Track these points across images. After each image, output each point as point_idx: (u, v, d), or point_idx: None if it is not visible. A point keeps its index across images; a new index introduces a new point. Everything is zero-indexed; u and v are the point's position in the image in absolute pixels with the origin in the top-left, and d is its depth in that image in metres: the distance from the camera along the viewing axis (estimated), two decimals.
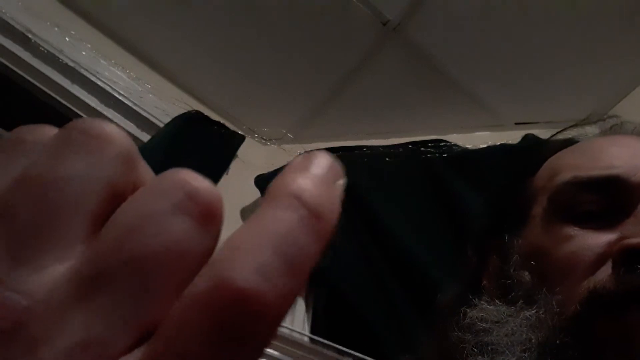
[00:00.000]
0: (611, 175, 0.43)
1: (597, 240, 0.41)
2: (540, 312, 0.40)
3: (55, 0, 1.21)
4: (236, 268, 0.11)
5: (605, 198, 0.43)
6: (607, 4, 1.05)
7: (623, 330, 0.37)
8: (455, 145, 1.25)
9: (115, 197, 0.14)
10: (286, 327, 1.00)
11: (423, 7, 1.10)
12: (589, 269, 0.40)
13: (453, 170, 1.17)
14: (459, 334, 0.44)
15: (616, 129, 0.52)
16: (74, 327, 0.12)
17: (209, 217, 0.13)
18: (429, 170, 1.19)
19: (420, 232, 1.11)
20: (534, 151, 0.58)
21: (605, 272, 0.39)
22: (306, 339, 1.03)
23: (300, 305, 1.10)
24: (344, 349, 0.99)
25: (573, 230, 0.42)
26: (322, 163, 0.14)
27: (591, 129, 0.55)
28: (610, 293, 0.38)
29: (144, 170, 0.15)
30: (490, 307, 0.44)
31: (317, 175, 0.14)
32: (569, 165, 0.47)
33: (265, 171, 1.24)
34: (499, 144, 1.23)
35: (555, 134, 0.58)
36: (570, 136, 0.55)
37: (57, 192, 0.13)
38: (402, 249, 1.09)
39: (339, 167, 0.14)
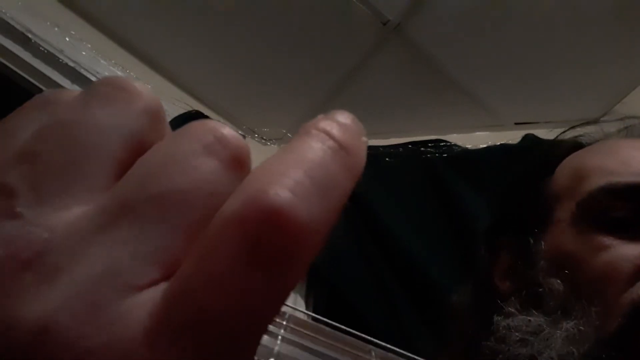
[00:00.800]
0: None
1: (635, 250, 0.40)
2: (580, 324, 0.39)
3: (55, 0, 1.21)
4: (271, 185, 0.11)
5: (638, 206, 0.42)
6: (607, 4, 1.05)
7: None
8: (455, 145, 1.25)
9: (140, 149, 0.14)
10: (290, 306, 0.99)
11: (423, 7, 1.10)
12: (628, 281, 0.39)
13: (453, 170, 1.17)
14: (492, 343, 0.43)
15: (634, 130, 0.51)
16: (96, 257, 0.11)
17: (237, 162, 0.13)
18: (429, 170, 1.19)
19: (420, 231, 1.11)
20: (543, 150, 0.57)
21: None
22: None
23: (300, 306, 1.10)
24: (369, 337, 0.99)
25: (608, 240, 0.41)
26: (347, 116, 0.14)
27: (607, 128, 0.53)
28: None
29: (170, 131, 0.15)
30: (525, 317, 0.42)
31: (344, 122, 0.14)
32: (598, 169, 0.46)
33: None
34: (499, 144, 1.23)
35: (566, 130, 0.56)
36: (582, 134, 0.54)
37: (82, 137, 0.13)
38: (402, 249, 1.09)
39: (361, 125, 0.15)
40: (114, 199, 0.12)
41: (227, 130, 0.13)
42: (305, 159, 0.12)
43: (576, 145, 0.52)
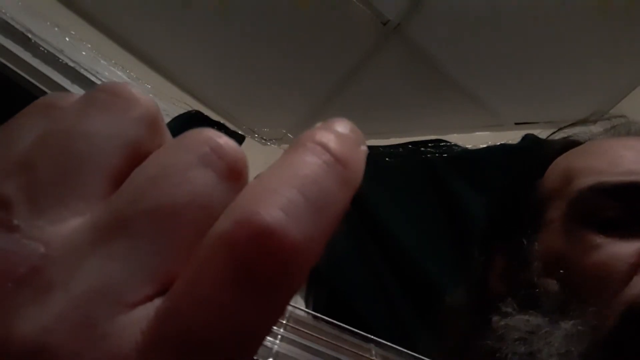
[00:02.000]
0: (635, 182, 0.42)
1: (627, 249, 0.40)
2: (578, 324, 0.39)
3: (55, 0, 1.21)
4: (262, 204, 0.11)
5: (629, 205, 0.42)
6: (606, 4, 1.05)
7: None
8: (455, 145, 1.25)
9: (138, 158, 0.13)
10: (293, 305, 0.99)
11: (423, 7, 1.10)
12: (623, 280, 0.39)
13: (453, 170, 1.17)
14: (492, 342, 0.43)
15: (621, 129, 0.52)
16: (90, 273, 0.11)
17: (233, 173, 0.13)
18: (429, 170, 1.19)
19: (420, 232, 1.11)
20: (537, 151, 0.57)
21: (638, 284, 0.38)
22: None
23: (300, 306, 1.10)
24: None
25: (599, 239, 0.41)
26: (346, 125, 0.14)
27: (595, 128, 0.53)
28: None
29: (168, 137, 0.15)
30: (523, 317, 0.43)
31: (342, 132, 0.13)
32: (587, 169, 0.46)
33: None
34: (499, 144, 1.23)
35: (555, 132, 0.57)
36: (571, 135, 0.55)
37: (79, 147, 0.13)
38: (402, 249, 1.09)
39: (361, 134, 0.14)
40: (109, 213, 0.12)
41: (224, 140, 0.13)
42: (299, 175, 0.12)
43: (567, 146, 0.52)
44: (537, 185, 0.50)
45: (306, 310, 1.00)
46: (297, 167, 0.12)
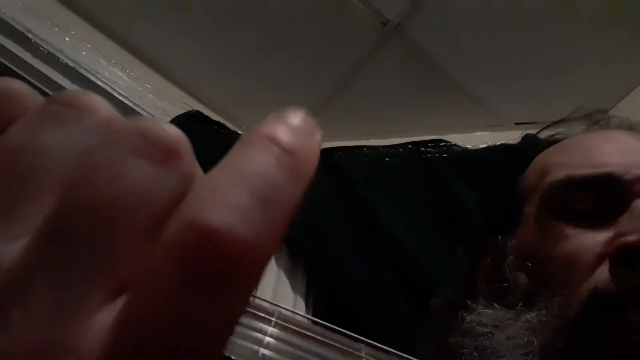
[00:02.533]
0: (605, 173, 0.43)
1: (594, 239, 0.40)
2: (542, 315, 0.40)
3: (55, 0, 1.21)
4: (208, 207, 0.11)
5: (600, 196, 0.42)
6: (607, 4, 1.05)
7: (624, 330, 0.37)
8: (455, 145, 1.25)
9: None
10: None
11: (423, 7, 1.10)
12: (589, 269, 0.39)
13: (453, 170, 1.17)
14: (458, 338, 0.44)
15: (603, 124, 0.52)
16: (43, 288, 0.11)
17: (169, 156, 0.12)
18: (429, 170, 1.19)
19: (420, 232, 1.11)
20: (523, 150, 0.58)
21: (604, 272, 0.39)
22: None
23: (300, 306, 1.10)
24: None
25: (569, 230, 0.42)
26: (297, 115, 0.14)
27: (579, 124, 0.54)
28: (609, 294, 0.37)
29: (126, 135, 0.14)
30: (489, 311, 0.43)
31: (292, 123, 0.13)
32: (561, 163, 0.46)
33: None
34: (499, 144, 1.23)
35: (540, 131, 0.57)
36: (556, 133, 0.55)
37: (28, 163, 0.12)
38: (402, 249, 1.09)
39: (314, 122, 0.14)
40: (48, 224, 0.12)
41: (153, 125, 0.12)
42: (246, 173, 0.11)
43: (550, 144, 0.53)
44: (518, 182, 0.50)
45: (294, 311, 1.00)
46: (244, 164, 0.12)
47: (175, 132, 0.13)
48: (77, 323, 0.11)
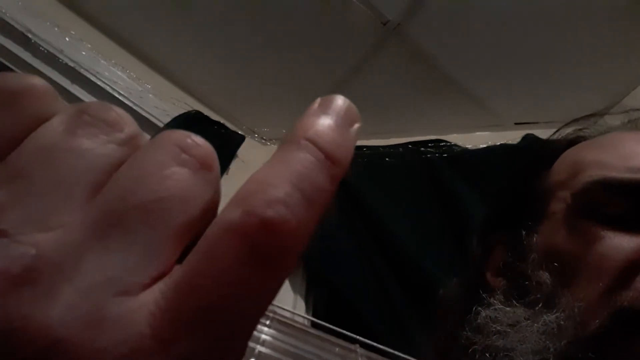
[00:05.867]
0: None
1: (629, 242, 0.38)
2: (561, 319, 0.37)
3: (55, 0, 1.21)
4: (264, 199, 0.13)
5: (634, 202, 0.40)
6: (606, 3, 1.05)
7: None
8: (455, 145, 1.25)
9: (115, 170, 0.15)
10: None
11: (423, 7, 1.10)
12: (618, 276, 0.37)
13: (453, 170, 1.17)
14: (469, 334, 0.42)
15: (638, 123, 0.50)
16: (92, 266, 0.12)
17: (203, 165, 0.15)
18: (429, 170, 1.19)
19: (420, 231, 1.11)
20: (546, 143, 0.55)
21: (636, 285, 0.36)
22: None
23: (300, 306, 1.10)
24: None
25: (601, 231, 0.39)
26: (338, 107, 0.16)
27: (612, 121, 0.51)
28: (638, 310, 0.35)
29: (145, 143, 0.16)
30: (507, 308, 0.41)
31: (333, 121, 0.16)
32: (595, 163, 0.44)
33: None
34: (499, 144, 1.23)
35: (568, 123, 0.55)
36: (584, 128, 0.53)
37: (67, 162, 0.14)
38: (402, 249, 1.09)
39: (355, 111, 0.17)
40: (97, 213, 0.13)
41: (191, 140, 0.15)
42: (295, 171, 0.14)
43: (576, 139, 0.51)
44: (542, 177, 0.48)
45: (291, 310, 1.00)
46: (292, 163, 0.14)
47: (207, 146, 0.15)
48: (124, 297, 0.12)
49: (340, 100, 0.17)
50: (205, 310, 0.12)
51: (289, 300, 1.08)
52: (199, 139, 0.15)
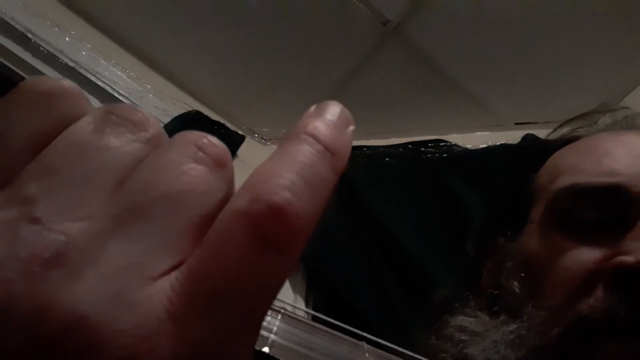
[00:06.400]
0: (611, 184, 0.40)
1: (593, 255, 0.38)
2: (522, 329, 0.37)
3: (55, 0, 1.21)
4: (271, 186, 0.14)
5: (605, 208, 0.39)
6: (606, 3, 1.05)
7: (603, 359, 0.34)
8: (455, 145, 1.25)
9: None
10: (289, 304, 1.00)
11: (423, 7, 1.10)
12: (580, 288, 0.37)
13: (453, 170, 1.17)
14: (439, 342, 0.42)
15: (627, 122, 0.49)
16: (114, 254, 0.13)
17: (219, 163, 0.16)
18: (429, 170, 1.19)
19: (420, 232, 1.11)
20: (539, 146, 0.55)
21: (596, 294, 0.36)
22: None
23: (300, 306, 1.10)
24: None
25: (567, 243, 0.39)
26: (334, 111, 0.17)
27: (604, 121, 0.50)
28: (594, 319, 0.35)
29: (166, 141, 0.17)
30: (471, 318, 0.41)
31: (330, 120, 0.17)
32: (570, 168, 0.44)
33: None
34: (499, 144, 1.23)
35: (561, 124, 0.54)
36: (577, 129, 0.51)
37: (95, 158, 0.15)
38: (401, 249, 1.09)
39: (349, 114, 0.17)
40: (122, 203, 0.14)
41: (207, 140, 0.16)
42: (298, 162, 0.15)
43: (572, 139, 0.50)
44: (532, 179, 0.48)
45: (298, 306, 1.00)
46: (295, 155, 0.15)
47: (222, 145, 0.16)
48: (144, 282, 0.13)
49: (334, 105, 0.17)
50: (217, 294, 0.13)
51: (289, 300, 1.08)
52: (214, 139, 0.16)
